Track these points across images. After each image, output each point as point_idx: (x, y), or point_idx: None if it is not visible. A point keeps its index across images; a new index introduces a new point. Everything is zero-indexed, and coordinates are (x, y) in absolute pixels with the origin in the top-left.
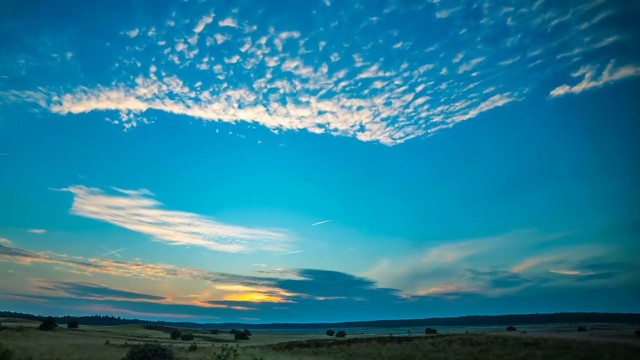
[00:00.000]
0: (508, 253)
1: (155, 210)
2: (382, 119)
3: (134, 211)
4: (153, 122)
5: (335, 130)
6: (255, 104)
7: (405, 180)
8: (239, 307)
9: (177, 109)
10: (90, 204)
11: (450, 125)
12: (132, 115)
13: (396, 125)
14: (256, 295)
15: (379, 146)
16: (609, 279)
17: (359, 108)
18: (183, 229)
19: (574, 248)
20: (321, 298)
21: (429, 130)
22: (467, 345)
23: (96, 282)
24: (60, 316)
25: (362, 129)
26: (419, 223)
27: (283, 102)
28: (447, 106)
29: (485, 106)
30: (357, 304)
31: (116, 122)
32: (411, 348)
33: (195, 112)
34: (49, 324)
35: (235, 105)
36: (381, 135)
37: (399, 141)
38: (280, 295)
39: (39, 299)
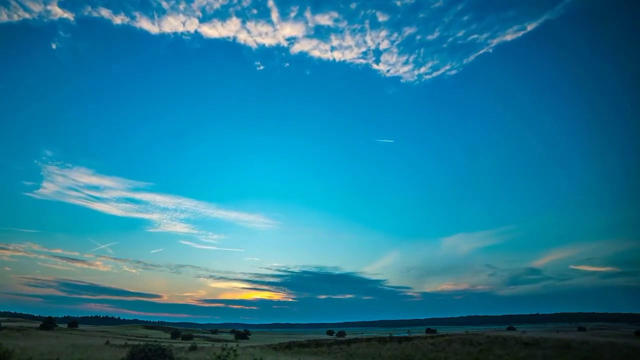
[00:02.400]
0: (531, 244)
1: (139, 193)
2: (404, 41)
3: (113, 194)
4: (88, 42)
5: (341, 55)
6: (227, 9)
7: (425, 144)
8: (236, 306)
9: (118, 19)
10: (59, 184)
11: (490, 49)
12: (62, 36)
13: (422, 51)
14: (254, 294)
15: (400, 85)
16: (634, 277)
17: (375, 25)
18: (170, 215)
19: (604, 241)
20: (323, 297)
21: (464, 60)
22: (467, 345)
23: (86, 280)
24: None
25: (377, 57)
26: (433, 208)
27: (264, 8)
28: (495, 16)
29: (552, 15)
30: (359, 303)
31: (46, 53)
32: (411, 348)
33: (144, 24)
34: (48, 324)
35: (199, 12)
36: (401, 67)
37: (426, 77)
38: (280, 293)
39: (24, 297)
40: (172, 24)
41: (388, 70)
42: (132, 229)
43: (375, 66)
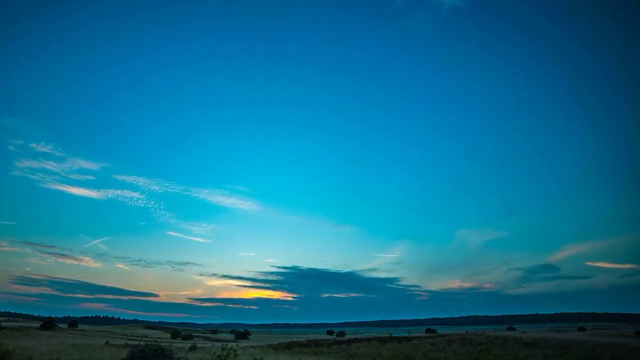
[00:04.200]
0: (548, 239)
1: (122, 176)
2: None
3: (90, 177)
4: None
5: None
6: None
7: (425, 144)
8: (236, 305)
9: None
10: (30, 165)
11: None
12: None
13: None
14: (253, 293)
15: (427, 9)
16: None
17: None
18: (157, 202)
19: (625, 236)
20: (325, 295)
21: None
22: (467, 345)
23: (78, 278)
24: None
25: None
26: (441, 203)
27: None
28: None
29: None
30: (362, 302)
31: None
32: (411, 348)
33: None
34: (48, 324)
35: None
36: None
37: None
38: (280, 292)
39: (18, 297)
40: None
41: None
42: (123, 222)
43: None
